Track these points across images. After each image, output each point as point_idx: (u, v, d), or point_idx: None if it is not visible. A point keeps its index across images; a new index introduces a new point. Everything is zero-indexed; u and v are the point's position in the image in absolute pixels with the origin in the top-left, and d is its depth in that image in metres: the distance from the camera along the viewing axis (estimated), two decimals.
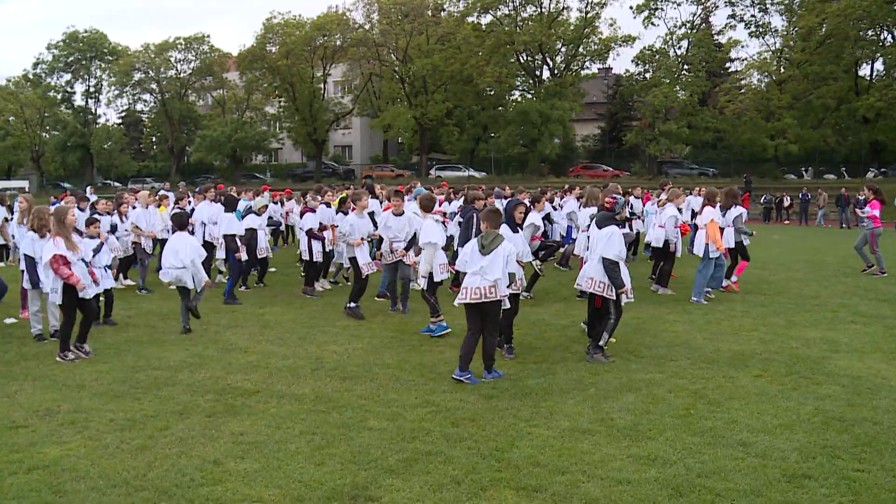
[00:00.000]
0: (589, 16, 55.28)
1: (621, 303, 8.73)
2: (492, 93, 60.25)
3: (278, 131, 68.05)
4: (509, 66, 57.16)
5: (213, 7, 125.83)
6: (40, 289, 9.80)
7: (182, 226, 10.72)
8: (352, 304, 11.57)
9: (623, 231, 8.99)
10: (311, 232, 13.53)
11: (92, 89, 72.01)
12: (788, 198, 41.53)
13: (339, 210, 14.09)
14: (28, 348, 9.64)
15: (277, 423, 6.66)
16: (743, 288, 13.84)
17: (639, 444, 6.08)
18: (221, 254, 13.53)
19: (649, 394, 7.45)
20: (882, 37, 49.57)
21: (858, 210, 18.07)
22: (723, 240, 12.63)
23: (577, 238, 14.02)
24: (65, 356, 8.82)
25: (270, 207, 17.84)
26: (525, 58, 58.37)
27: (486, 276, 7.79)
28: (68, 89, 72.26)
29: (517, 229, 8.98)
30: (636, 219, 16.99)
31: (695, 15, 54.14)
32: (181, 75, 67.50)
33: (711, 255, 12.43)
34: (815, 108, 50.20)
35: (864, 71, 51.97)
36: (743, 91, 55.00)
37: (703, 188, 20.36)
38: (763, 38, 53.35)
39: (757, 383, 7.81)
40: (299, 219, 14.79)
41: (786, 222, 40.45)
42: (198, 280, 10.47)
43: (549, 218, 15.13)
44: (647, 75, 55.96)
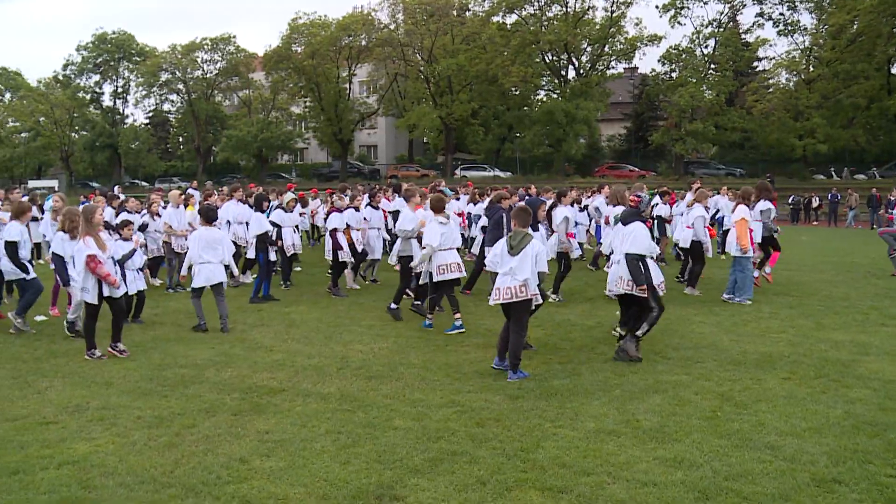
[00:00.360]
0: (615, 15, 54.99)
1: (658, 295, 8.66)
2: (517, 93, 60.14)
3: (304, 131, 68.30)
4: (534, 66, 56.99)
5: (240, 8, 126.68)
6: (73, 287, 9.93)
7: (212, 220, 10.86)
8: (393, 305, 11.45)
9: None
10: (335, 233, 13.59)
11: (120, 90, 72.81)
12: (817, 198, 41.10)
13: (369, 204, 14.24)
14: (57, 345, 9.78)
15: (303, 422, 6.69)
16: (770, 289, 13.71)
17: (665, 446, 6.04)
18: (251, 253, 13.55)
19: (675, 395, 7.41)
20: None
21: (887, 212, 17.85)
22: (752, 234, 12.54)
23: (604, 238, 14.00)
24: (92, 354, 8.92)
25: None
26: (550, 57, 58.17)
27: (515, 275, 7.91)
28: (97, 90, 73.08)
29: (537, 227, 9.04)
30: (665, 222, 16.80)
31: (722, 14, 53.55)
32: (208, 76, 68.00)
33: (741, 254, 12.33)
34: (845, 108, 49.56)
35: None
36: (771, 90, 54.41)
37: (725, 188, 20.26)
38: (792, 36, 52.73)
39: (785, 386, 7.73)
40: (324, 219, 14.88)
41: (814, 223, 40.04)
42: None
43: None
44: (674, 75, 55.45)
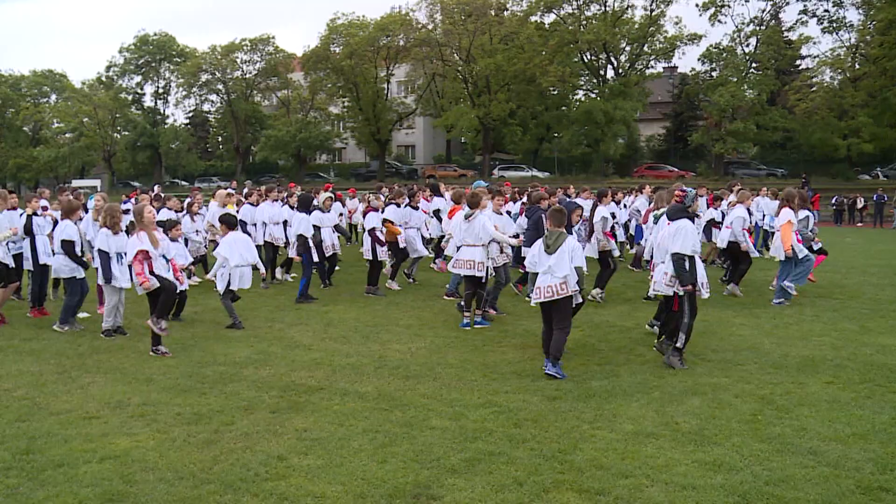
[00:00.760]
0: (654, 14, 54.56)
1: (696, 301, 8.55)
2: (555, 92, 59.91)
3: (342, 131, 68.62)
4: (573, 66, 56.73)
5: (279, 9, 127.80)
6: (113, 285, 10.11)
7: (233, 226, 11.16)
8: (490, 309, 11.36)
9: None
10: (373, 232, 13.64)
11: (161, 90, 73.70)
12: (862, 199, 40.34)
13: (409, 204, 14.29)
14: (100, 342, 9.94)
15: (341, 421, 6.73)
16: (814, 292, 13.50)
17: (704, 450, 5.97)
18: (293, 252, 13.62)
19: (715, 398, 7.32)
20: None
21: None
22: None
23: (646, 239, 13.90)
24: (157, 350, 9.10)
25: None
26: (589, 57, 57.87)
27: (555, 274, 8.09)
28: (138, 91, 74.17)
29: (570, 231, 9.04)
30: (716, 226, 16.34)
31: (764, 11, 52.78)
32: (247, 76, 68.59)
33: (790, 256, 12.17)
34: (893, 106, 48.38)
35: None
36: (814, 89, 53.28)
37: (766, 189, 19.97)
38: (837, 33, 51.61)
39: (828, 390, 7.59)
40: (363, 218, 14.93)
41: (858, 224, 39.33)
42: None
43: (612, 215, 14.98)
44: (714, 74, 54.86)
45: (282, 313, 11.96)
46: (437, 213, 15.76)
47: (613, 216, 14.06)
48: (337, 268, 16.43)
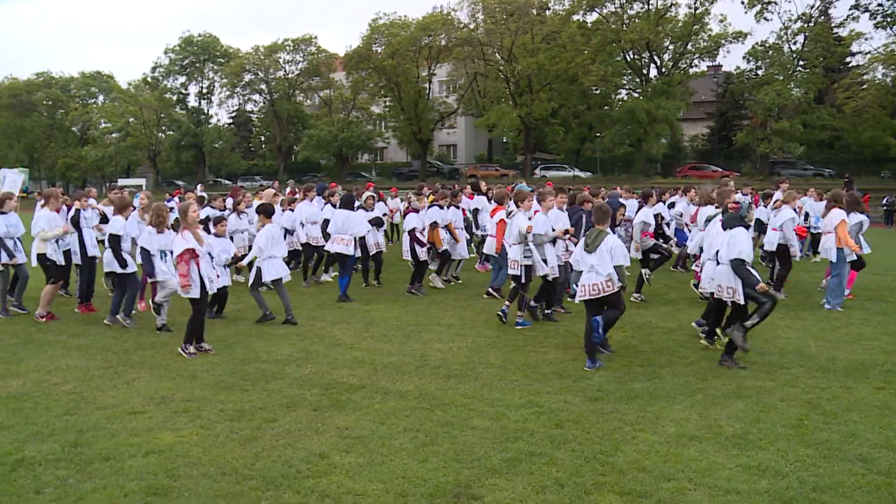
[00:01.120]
0: (698, 12, 53.80)
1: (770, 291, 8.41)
2: (597, 92, 59.51)
3: (384, 130, 68.89)
4: (615, 65, 56.29)
5: (321, 9, 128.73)
6: (160, 280, 10.28)
7: (271, 215, 11.36)
8: (547, 310, 11.28)
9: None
10: (412, 233, 13.67)
11: (205, 90, 74.66)
12: None
13: (451, 204, 14.30)
14: (144, 338, 10.11)
15: (382, 419, 6.75)
16: (863, 294, 13.21)
17: (748, 454, 5.89)
18: (336, 248, 13.65)
19: (759, 402, 7.21)
20: None
21: None
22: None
23: (691, 239, 13.75)
24: (186, 349, 9.19)
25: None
26: (631, 56, 57.39)
27: (599, 272, 8.27)
28: (183, 91, 75.23)
29: (614, 229, 9.00)
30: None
31: (812, 7, 51.49)
32: (289, 76, 69.22)
33: (848, 259, 11.93)
34: None
35: None
36: (865, 86, 51.97)
37: (812, 189, 19.60)
38: (891, 28, 50.07)
39: (878, 396, 7.43)
40: (403, 219, 14.97)
41: None
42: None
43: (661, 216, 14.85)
44: (759, 72, 53.90)
45: (323, 312, 12.04)
46: (475, 213, 15.72)
47: (662, 217, 13.94)
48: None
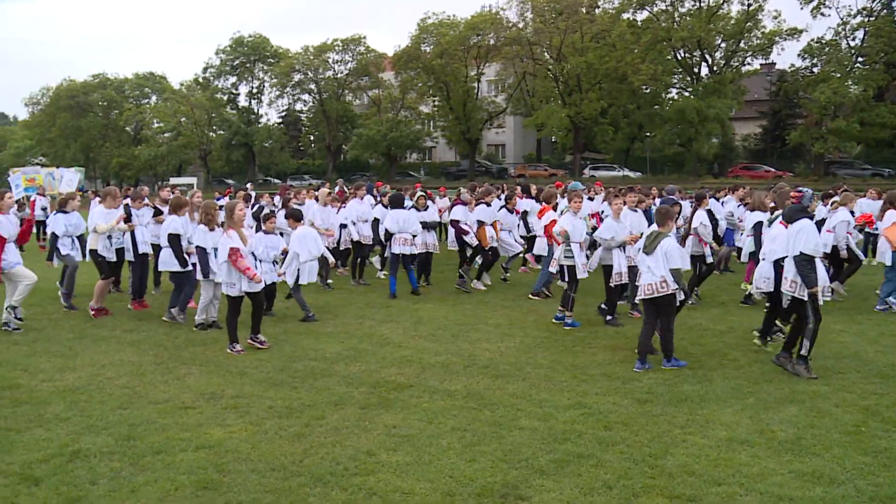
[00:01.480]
0: (751, 9, 52.84)
1: (818, 304, 8.17)
2: (647, 91, 58.83)
3: (432, 130, 69.01)
4: (665, 64, 55.57)
5: (370, 9, 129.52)
6: (210, 280, 10.43)
7: (299, 219, 11.80)
8: (609, 317, 11.05)
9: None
10: (456, 223, 13.65)
11: (255, 90, 75.54)
12: None
13: (504, 206, 14.31)
14: (195, 334, 10.29)
15: (430, 418, 6.77)
16: None
17: (802, 460, 5.78)
18: (400, 248, 13.67)
19: (814, 407, 7.06)
20: None
21: None
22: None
23: (741, 242, 13.55)
24: (233, 347, 9.30)
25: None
26: (682, 54, 56.61)
27: (654, 272, 8.34)
28: (233, 91, 76.13)
29: None
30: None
31: (874, 1, 49.80)
32: (338, 76, 69.65)
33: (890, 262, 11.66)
34: None
35: None
36: None
37: (871, 190, 19.10)
38: None
39: None
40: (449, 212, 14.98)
41: None
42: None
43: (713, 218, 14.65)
44: (815, 70, 52.52)
45: (372, 310, 12.10)
46: (524, 215, 15.64)
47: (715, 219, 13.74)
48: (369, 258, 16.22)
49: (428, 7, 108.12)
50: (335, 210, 15.02)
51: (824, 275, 8.32)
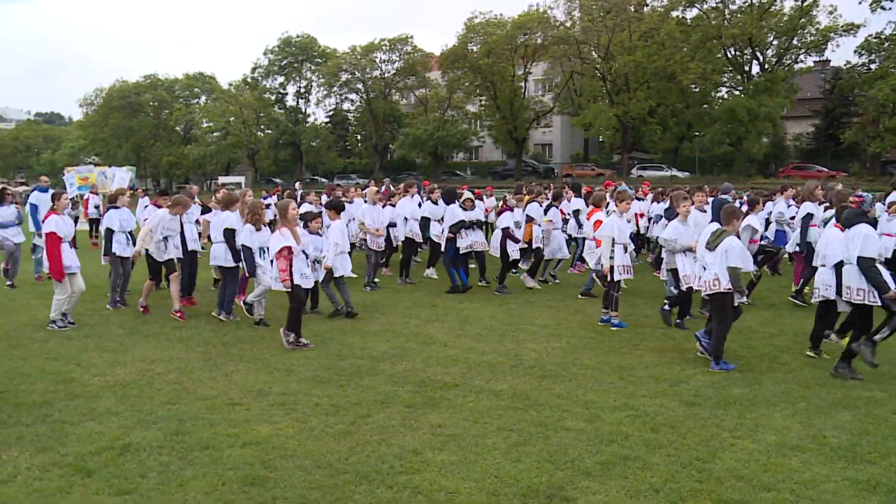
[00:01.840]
0: (805, 4, 51.69)
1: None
2: (696, 90, 57.96)
3: (479, 129, 68.97)
4: (715, 62, 54.65)
5: (417, 9, 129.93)
6: (258, 277, 10.56)
7: (341, 211, 11.80)
8: (678, 320, 10.87)
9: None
10: (506, 230, 13.65)
11: (302, 90, 76.15)
12: None
13: (552, 205, 14.26)
14: (243, 331, 10.40)
15: (475, 418, 6.76)
16: None
17: (856, 467, 5.65)
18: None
19: (869, 413, 6.91)
20: None
21: None
22: None
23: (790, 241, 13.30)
24: (288, 336, 9.39)
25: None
26: (733, 52, 55.68)
27: (710, 269, 8.40)
28: (281, 91, 76.79)
29: None
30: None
31: None
32: (385, 75, 69.94)
33: None
34: None
35: None
36: None
37: None
38: None
39: None
40: (497, 217, 14.96)
41: None
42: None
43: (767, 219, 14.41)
44: (873, 66, 51.08)
45: (418, 309, 12.13)
46: (576, 214, 15.54)
47: (768, 221, 13.55)
48: (472, 265, 16.34)
49: (475, 7, 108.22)
50: (382, 208, 15.07)
51: (889, 278, 8.02)
